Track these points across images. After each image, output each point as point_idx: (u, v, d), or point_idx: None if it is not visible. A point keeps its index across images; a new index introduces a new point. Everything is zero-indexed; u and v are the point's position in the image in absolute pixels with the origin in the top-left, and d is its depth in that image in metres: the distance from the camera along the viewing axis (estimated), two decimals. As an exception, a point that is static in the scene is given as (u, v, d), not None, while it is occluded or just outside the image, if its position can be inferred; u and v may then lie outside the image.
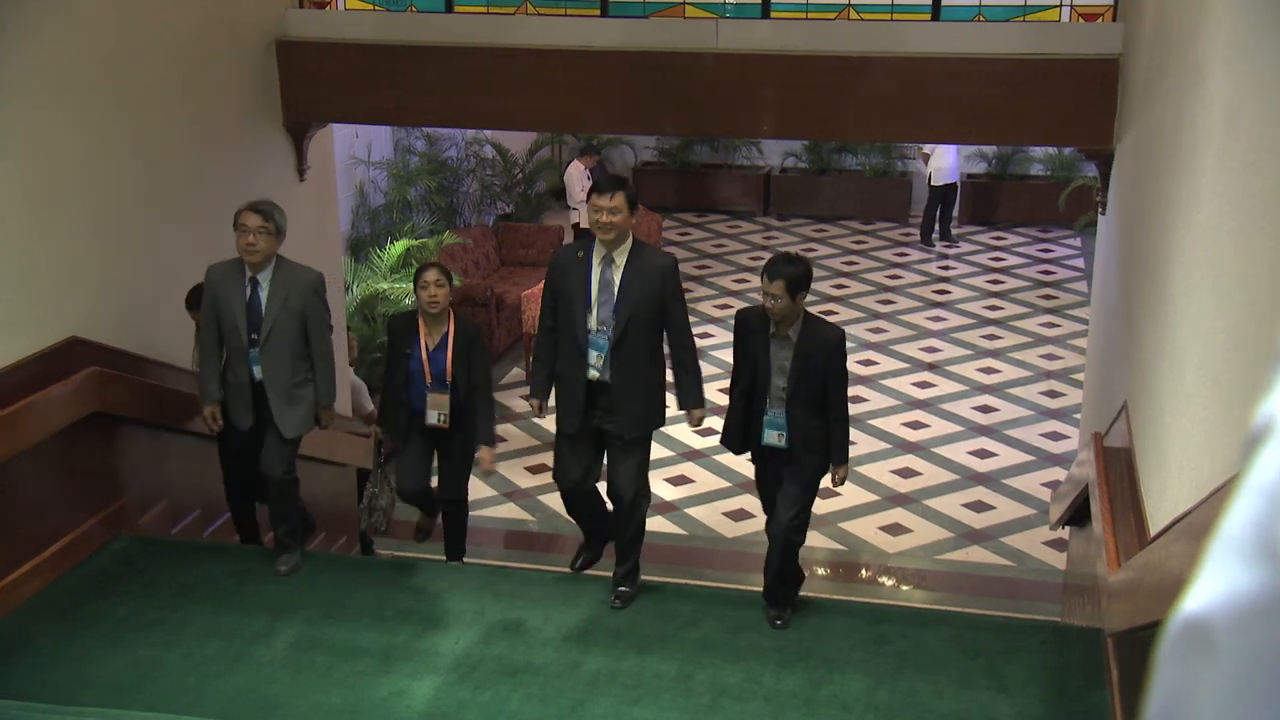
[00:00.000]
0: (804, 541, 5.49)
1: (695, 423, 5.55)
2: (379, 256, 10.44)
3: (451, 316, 5.72)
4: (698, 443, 9.54)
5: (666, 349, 5.42)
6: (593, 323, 5.26)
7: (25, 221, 5.39)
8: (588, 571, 5.85)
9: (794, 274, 5.06)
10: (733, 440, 5.44)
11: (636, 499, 5.46)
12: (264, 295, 5.46)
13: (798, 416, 5.19)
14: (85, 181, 5.76)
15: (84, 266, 5.67)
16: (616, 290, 5.23)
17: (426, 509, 6.21)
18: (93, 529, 5.69)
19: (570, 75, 7.34)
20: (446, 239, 10.93)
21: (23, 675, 4.86)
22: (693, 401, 5.50)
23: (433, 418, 5.69)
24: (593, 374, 5.27)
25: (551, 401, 5.57)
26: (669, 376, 5.48)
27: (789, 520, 5.26)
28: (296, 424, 5.60)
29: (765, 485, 5.51)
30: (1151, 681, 0.80)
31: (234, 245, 5.48)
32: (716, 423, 10.36)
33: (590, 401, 5.32)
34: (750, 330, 5.29)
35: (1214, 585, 0.76)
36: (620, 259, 5.25)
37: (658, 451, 5.20)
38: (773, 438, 5.26)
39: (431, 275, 5.66)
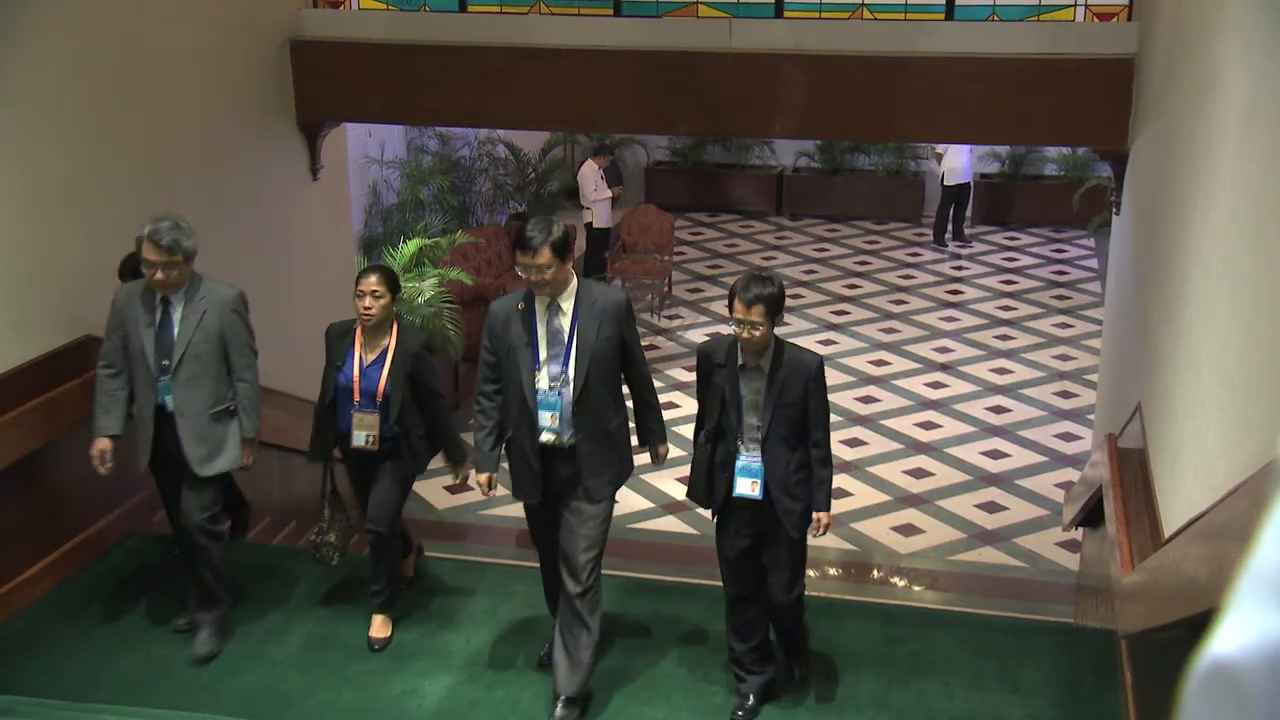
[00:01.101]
0: (803, 608, 4.94)
1: (660, 459, 5.08)
2: (391, 256, 10.45)
3: (394, 329, 5.09)
4: (710, 442, 9.52)
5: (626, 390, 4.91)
6: (543, 381, 4.68)
7: (40, 221, 5.41)
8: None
9: (774, 296, 4.50)
10: (700, 491, 4.84)
11: (591, 562, 4.77)
12: (176, 317, 4.91)
13: (775, 459, 4.61)
14: (100, 181, 5.78)
15: (98, 266, 5.69)
16: (568, 338, 4.68)
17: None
18: (106, 527, 5.72)
19: (583, 75, 7.35)
20: (459, 238, 10.93)
21: (37, 672, 4.88)
22: (657, 438, 5.02)
23: (359, 439, 5.03)
24: (548, 437, 4.69)
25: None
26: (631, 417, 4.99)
27: (787, 593, 4.73)
28: (216, 461, 4.98)
29: (732, 552, 4.77)
30: None
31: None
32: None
33: (548, 468, 4.74)
34: (714, 365, 4.71)
35: (1245, 629, 0.74)
36: (567, 304, 4.70)
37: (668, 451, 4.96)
38: (746, 486, 4.65)
39: (369, 282, 4.99)
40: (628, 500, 8.83)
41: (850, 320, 12.52)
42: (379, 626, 5.20)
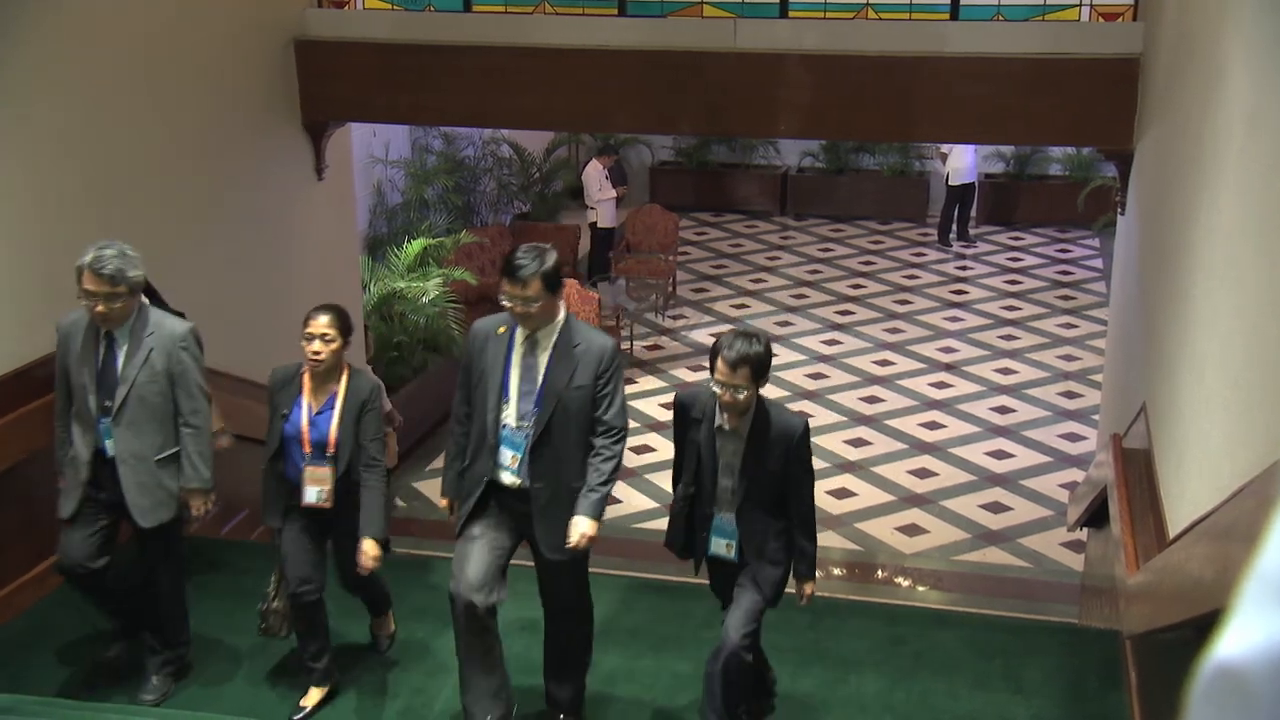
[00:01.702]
0: (751, 658, 4.54)
1: (577, 544, 4.37)
2: (396, 255, 10.47)
3: (344, 374, 4.64)
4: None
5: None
6: (510, 417, 4.37)
7: (44, 222, 5.42)
8: (602, 570, 5.84)
9: (760, 357, 4.15)
10: (677, 546, 4.58)
11: (582, 609, 4.65)
12: (120, 355, 4.51)
13: (751, 525, 4.36)
14: (103, 180, 5.79)
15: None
16: (541, 378, 4.34)
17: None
18: (112, 526, 5.73)
19: (588, 74, 7.35)
20: (463, 238, 10.95)
21: (41, 671, 4.89)
22: (586, 505, 4.38)
23: (311, 495, 4.58)
24: (507, 478, 4.39)
25: None
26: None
27: (740, 637, 4.34)
28: (160, 511, 4.60)
29: (722, 590, 4.61)
30: None
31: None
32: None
33: (503, 507, 4.46)
34: (691, 420, 4.40)
35: (1250, 631, 0.74)
36: (548, 340, 4.36)
37: (670, 452, 4.67)
38: (720, 547, 4.44)
39: (318, 324, 4.51)
40: (630, 500, 8.83)
41: (854, 320, 12.51)
42: (313, 696, 4.81)
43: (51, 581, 5.34)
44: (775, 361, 12.80)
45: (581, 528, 4.34)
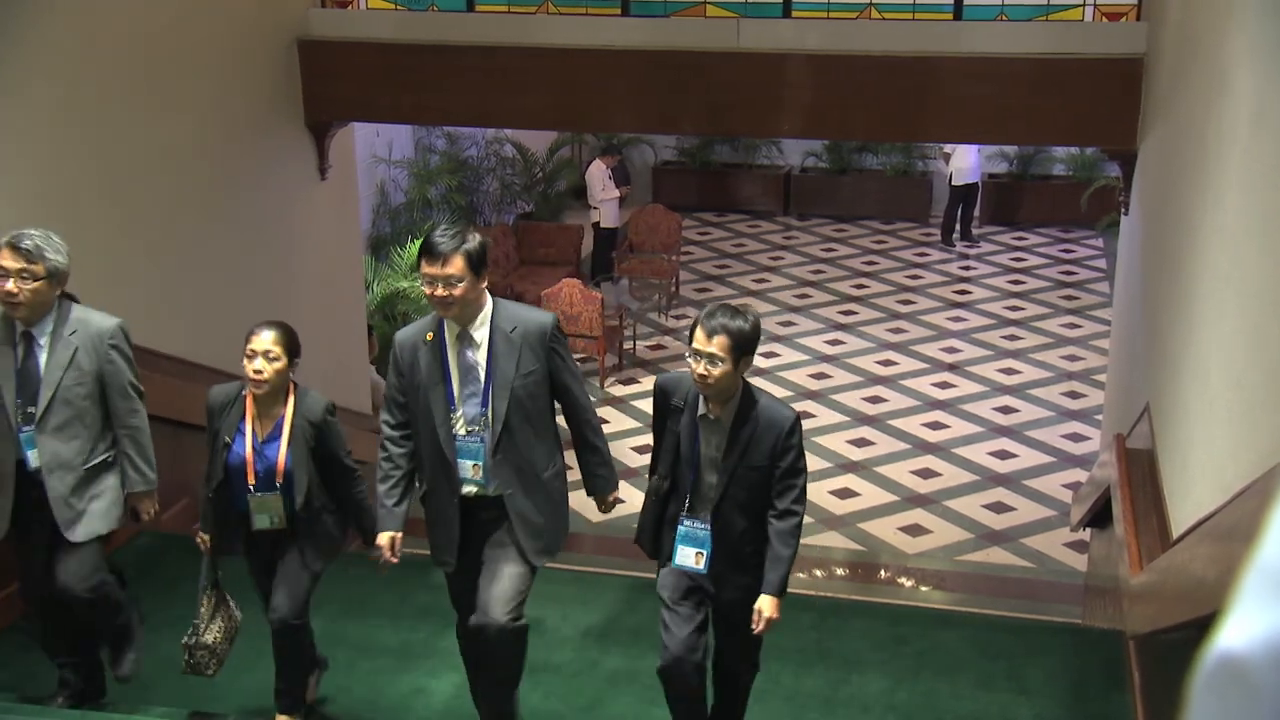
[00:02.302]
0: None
1: (609, 507, 4.39)
2: (399, 255, 10.48)
3: (291, 395, 4.24)
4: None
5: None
6: (460, 425, 4.03)
7: (49, 221, 5.41)
8: (605, 570, 5.84)
9: (741, 330, 3.75)
10: (648, 543, 4.16)
11: (512, 624, 4.07)
12: (42, 355, 4.14)
13: (728, 529, 3.92)
14: (108, 180, 5.80)
15: (108, 265, 5.70)
16: (484, 374, 4.01)
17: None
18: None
19: (591, 74, 7.35)
20: (467, 238, 10.94)
21: (48, 670, 4.89)
22: (604, 486, 4.31)
23: (263, 522, 4.25)
24: (470, 489, 4.05)
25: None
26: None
27: (747, 667, 4.22)
28: (92, 522, 4.25)
29: (681, 586, 4.05)
30: (1185, 715, 0.79)
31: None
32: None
33: (472, 525, 4.12)
34: (672, 408, 4.00)
35: (1252, 622, 0.74)
36: (480, 333, 4.01)
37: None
38: (688, 557, 3.96)
39: (261, 340, 4.13)
40: (634, 499, 8.83)
41: (858, 320, 12.50)
42: None
43: (55, 581, 5.34)
44: (778, 361, 12.84)
45: (611, 495, 4.36)
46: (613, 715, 4.79)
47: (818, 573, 7.91)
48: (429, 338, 4.07)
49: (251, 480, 4.22)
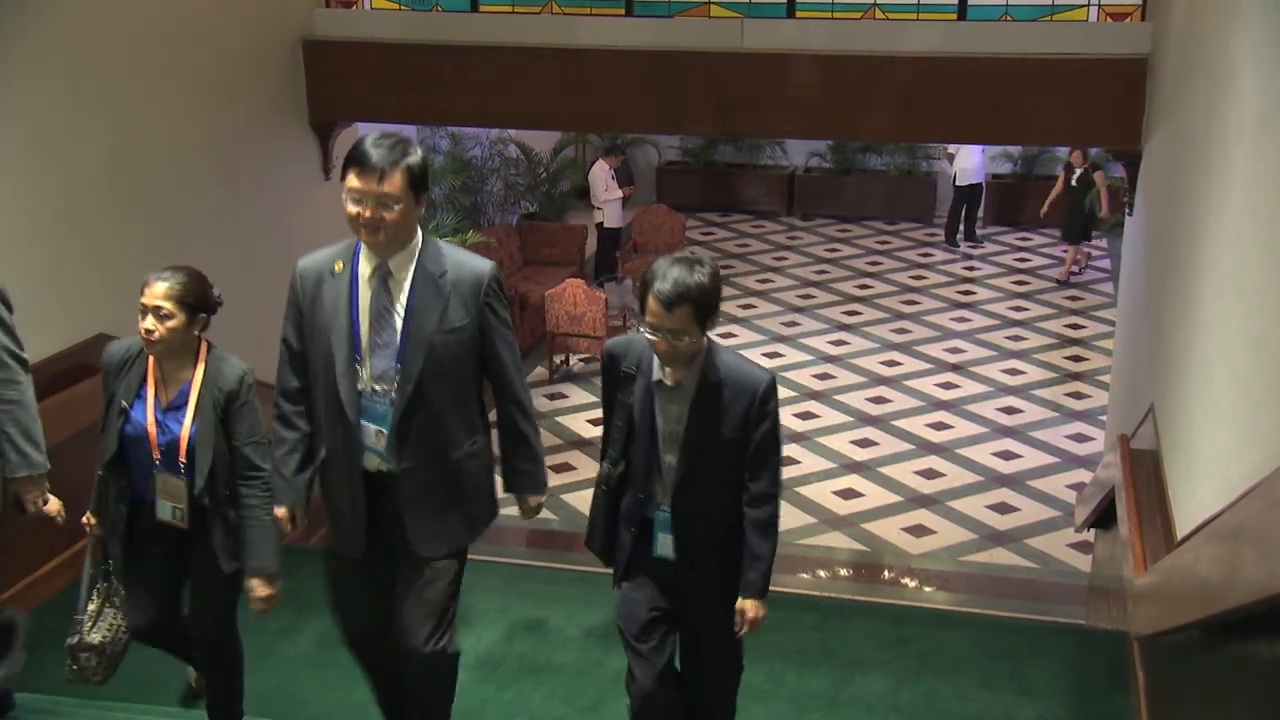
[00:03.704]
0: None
1: (530, 512, 3.69)
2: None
3: (202, 355, 3.68)
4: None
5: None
6: (365, 379, 3.39)
7: (55, 219, 5.43)
8: (610, 571, 5.81)
9: (704, 290, 3.20)
10: (599, 542, 3.58)
11: (439, 650, 3.58)
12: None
13: (692, 518, 3.40)
14: (114, 179, 5.81)
15: (111, 264, 5.71)
16: (402, 322, 3.37)
17: (182, 656, 4.16)
18: (119, 525, 5.74)
19: (595, 75, 7.35)
20: (470, 238, 10.96)
21: (52, 669, 4.90)
22: (529, 485, 3.62)
23: (165, 512, 3.67)
24: (373, 462, 3.43)
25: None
26: (495, 446, 3.66)
27: (719, 699, 3.69)
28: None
29: (644, 614, 3.52)
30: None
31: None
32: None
33: (376, 503, 3.48)
34: (622, 376, 3.42)
35: None
36: (404, 271, 3.37)
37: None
38: (669, 546, 3.46)
39: (153, 293, 3.57)
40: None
41: (861, 320, 12.50)
42: None
43: (57, 581, 5.35)
44: (782, 362, 12.87)
45: (532, 501, 3.63)
46: (616, 715, 4.79)
47: (821, 573, 7.91)
48: (337, 268, 3.41)
49: (156, 455, 3.63)
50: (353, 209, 3.29)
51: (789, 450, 9.56)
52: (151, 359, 3.66)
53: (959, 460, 9.54)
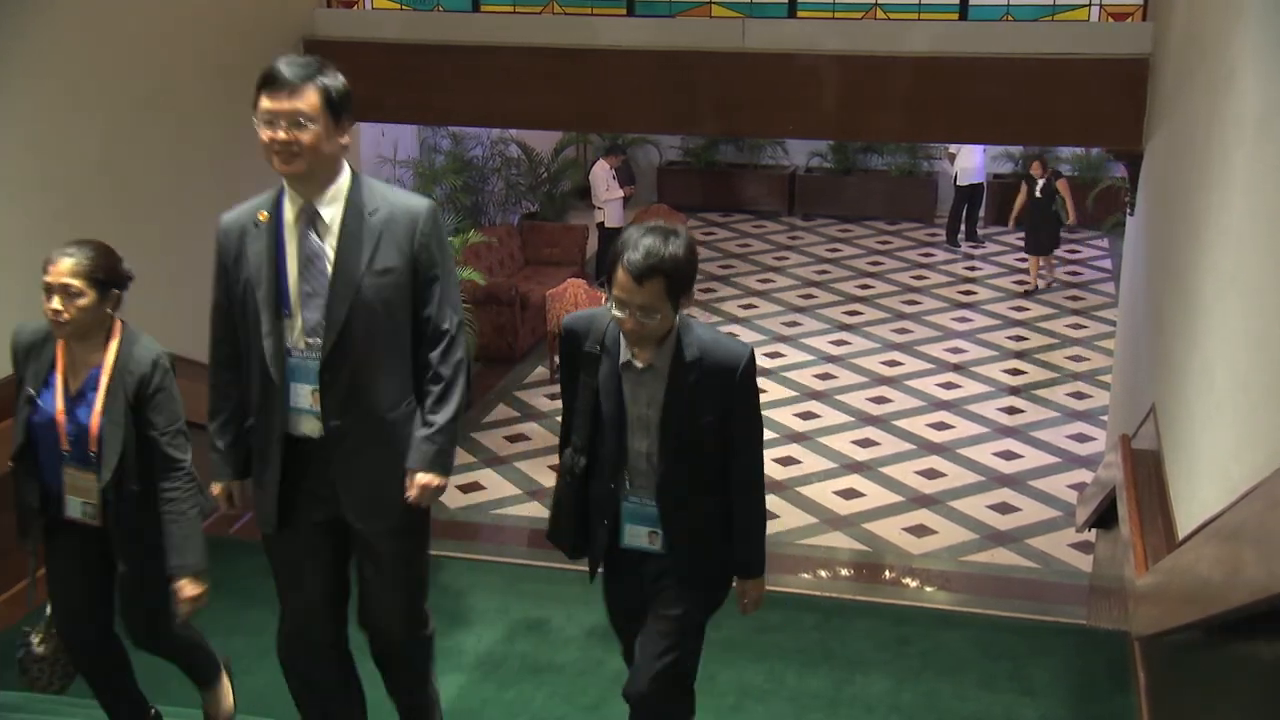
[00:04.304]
0: (691, 711, 3.50)
1: (418, 493, 3.19)
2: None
3: (115, 336, 3.43)
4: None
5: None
6: (296, 334, 3.13)
7: (55, 219, 5.43)
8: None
9: (678, 262, 2.96)
10: (566, 535, 3.36)
11: (413, 637, 3.45)
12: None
13: (680, 506, 3.17)
14: (114, 179, 5.81)
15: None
16: (333, 267, 3.09)
17: (126, 682, 3.86)
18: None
19: (596, 75, 7.35)
20: (472, 238, 10.95)
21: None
22: (421, 460, 3.18)
23: (75, 509, 3.43)
24: (309, 425, 3.16)
25: None
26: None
27: (659, 669, 3.25)
28: None
29: (625, 616, 3.43)
30: None
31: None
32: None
33: (302, 472, 3.21)
34: (584, 356, 3.14)
35: None
36: (330, 210, 3.10)
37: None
38: (639, 537, 3.22)
39: (58, 270, 3.34)
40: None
41: (862, 320, 12.50)
42: None
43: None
44: (783, 362, 12.88)
45: (422, 479, 3.15)
46: (618, 715, 4.79)
47: (822, 573, 7.91)
48: (261, 218, 3.16)
49: (65, 445, 3.39)
50: (265, 134, 3.02)
51: (790, 450, 9.57)
52: (60, 343, 3.43)
53: (960, 460, 9.53)
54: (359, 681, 3.63)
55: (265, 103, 3.02)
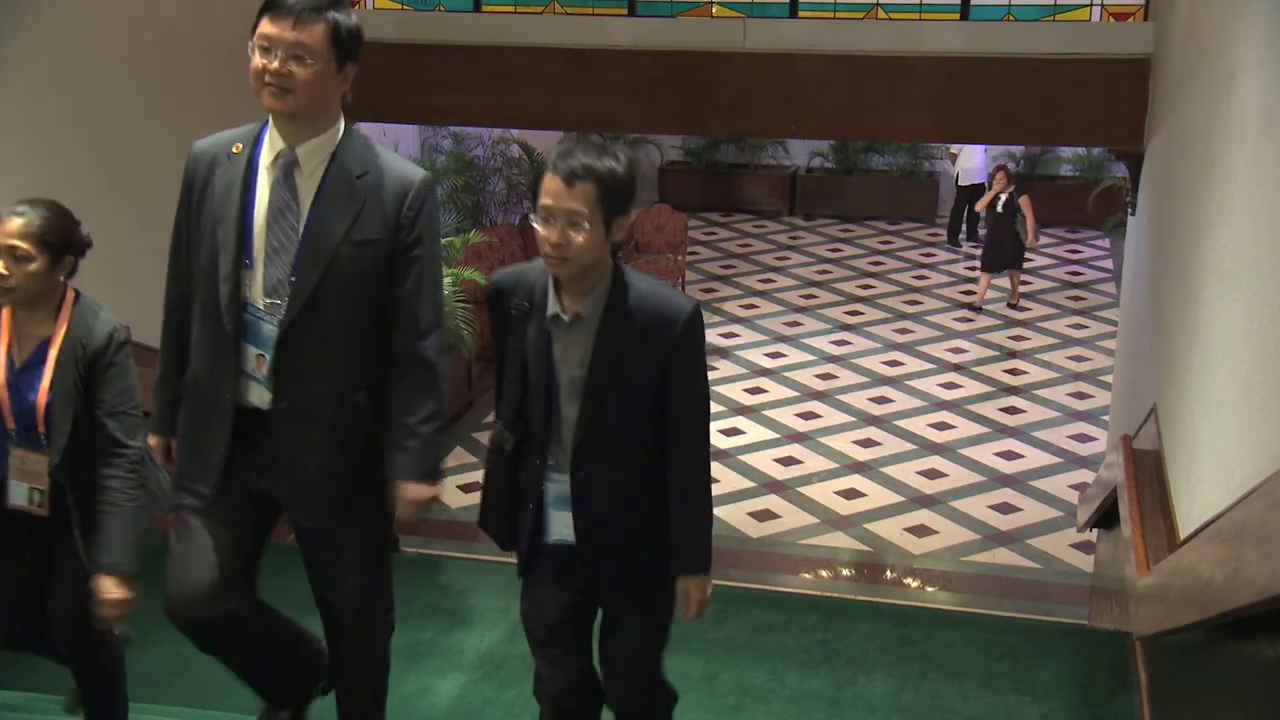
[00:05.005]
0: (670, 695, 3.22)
1: (404, 508, 2.97)
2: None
3: (67, 307, 3.19)
4: (723, 442, 9.52)
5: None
6: (255, 290, 2.82)
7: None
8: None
9: (612, 172, 2.66)
10: (496, 521, 2.99)
11: (372, 625, 3.25)
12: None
13: (599, 487, 2.79)
14: (115, 179, 5.81)
15: (113, 262, 5.70)
16: (303, 224, 2.80)
17: (47, 654, 3.56)
18: (122, 524, 5.73)
19: (597, 75, 7.35)
20: (472, 238, 10.95)
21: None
22: (402, 469, 2.90)
23: (20, 495, 3.16)
24: (255, 394, 2.87)
25: None
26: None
27: (629, 686, 3.04)
28: None
29: (543, 625, 3.06)
30: None
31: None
32: (745, 423, 10.26)
33: (245, 445, 2.91)
34: (512, 314, 2.79)
35: None
36: (315, 163, 2.81)
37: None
38: (562, 527, 2.86)
39: (5, 232, 3.07)
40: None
41: (864, 320, 12.50)
42: None
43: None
44: (784, 362, 12.88)
45: (411, 491, 2.87)
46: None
47: (823, 573, 7.91)
48: (235, 149, 2.86)
49: (10, 424, 3.10)
50: (258, 60, 2.71)
51: (791, 450, 9.57)
52: (6, 311, 3.15)
53: (961, 460, 9.53)
54: (274, 612, 3.25)
55: (266, 27, 2.73)
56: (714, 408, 3.06)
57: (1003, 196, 12.29)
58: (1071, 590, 7.56)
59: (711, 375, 2.84)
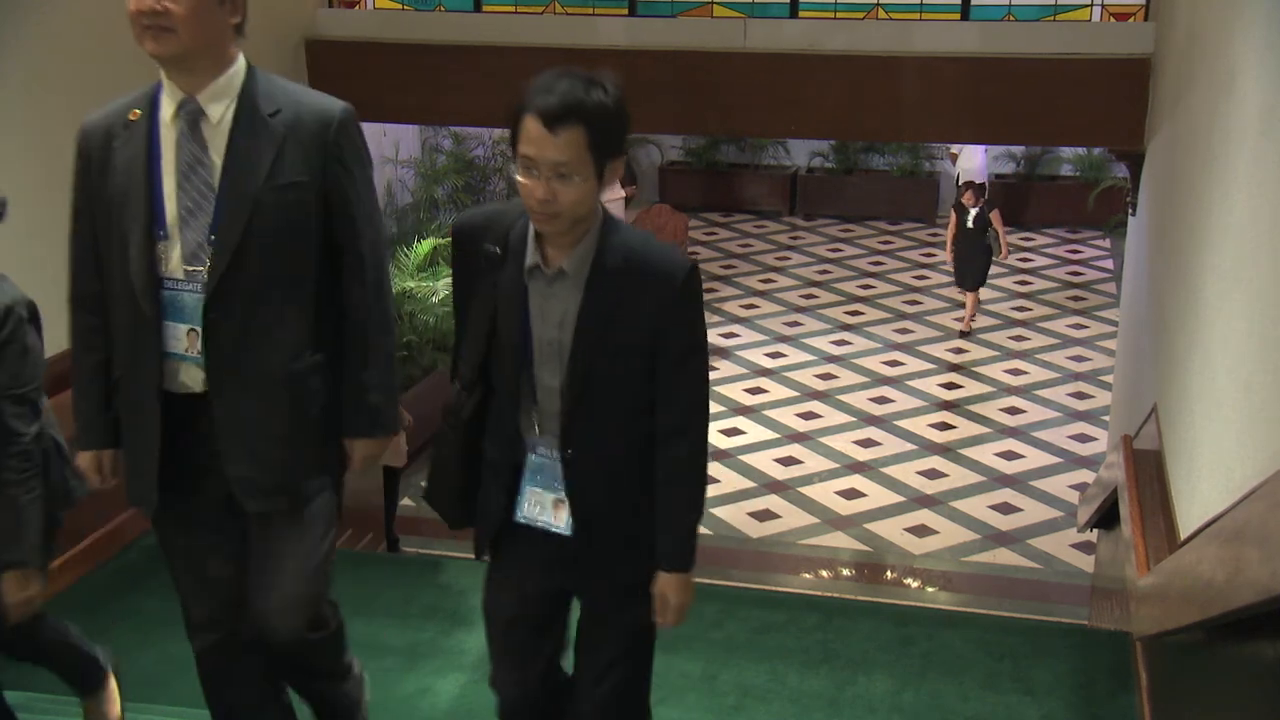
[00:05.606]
0: None
1: (363, 464, 2.80)
2: (406, 255, 10.49)
3: None
4: (723, 442, 9.52)
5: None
6: (173, 261, 2.57)
7: (58, 219, 5.43)
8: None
9: (603, 108, 2.34)
10: (441, 495, 2.65)
11: (322, 637, 2.92)
12: None
13: (592, 462, 2.47)
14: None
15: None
16: (218, 176, 2.56)
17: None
18: (123, 524, 5.74)
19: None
20: (473, 238, 10.99)
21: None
22: (363, 425, 2.72)
23: None
24: (188, 375, 2.63)
25: None
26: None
27: (603, 695, 2.66)
28: None
29: (503, 615, 2.69)
30: None
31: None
32: (745, 423, 10.25)
33: (185, 435, 2.67)
34: (484, 258, 2.44)
35: None
36: (220, 108, 2.57)
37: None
38: (544, 507, 2.51)
39: None
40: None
41: (864, 320, 12.50)
42: None
43: (61, 580, 5.35)
44: (785, 362, 12.88)
45: (363, 449, 2.71)
46: (618, 715, 4.79)
47: (823, 573, 7.91)
48: (133, 116, 2.61)
49: None
50: (131, 3, 2.47)
51: (791, 450, 9.57)
52: None
53: (962, 460, 9.53)
54: (287, 697, 3.11)
55: None
56: (714, 408, 2.80)
57: (972, 212, 11.89)
58: (1072, 590, 7.56)
59: (711, 375, 2.62)
